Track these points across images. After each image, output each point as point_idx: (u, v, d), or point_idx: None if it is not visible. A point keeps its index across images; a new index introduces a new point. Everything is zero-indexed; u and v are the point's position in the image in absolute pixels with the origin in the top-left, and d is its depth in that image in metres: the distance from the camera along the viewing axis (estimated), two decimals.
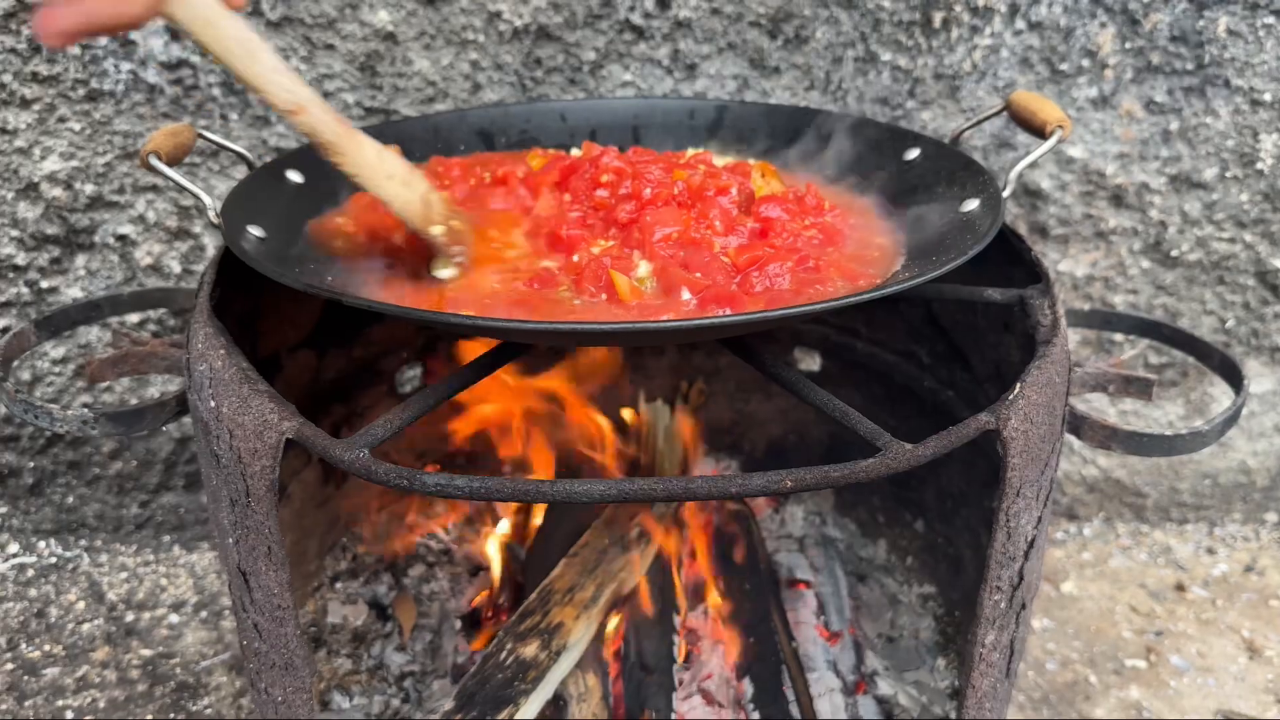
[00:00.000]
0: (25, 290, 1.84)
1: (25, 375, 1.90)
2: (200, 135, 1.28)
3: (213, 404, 1.03)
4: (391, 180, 1.11)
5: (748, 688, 1.46)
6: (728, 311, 1.03)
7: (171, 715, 1.68)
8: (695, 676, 1.52)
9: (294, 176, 1.31)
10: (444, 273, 1.14)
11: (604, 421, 1.83)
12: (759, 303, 1.05)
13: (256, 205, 1.21)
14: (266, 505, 0.99)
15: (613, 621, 1.49)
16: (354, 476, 1.52)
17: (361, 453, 0.91)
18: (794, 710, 1.41)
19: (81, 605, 1.91)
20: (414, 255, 1.18)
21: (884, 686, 1.58)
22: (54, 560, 2.01)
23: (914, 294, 1.35)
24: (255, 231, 1.15)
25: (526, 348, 1.12)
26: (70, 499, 2.04)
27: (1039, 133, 1.25)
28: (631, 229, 1.15)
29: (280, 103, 1.03)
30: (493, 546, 1.74)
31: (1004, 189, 1.17)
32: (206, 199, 1.11)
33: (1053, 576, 2.05)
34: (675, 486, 0.88)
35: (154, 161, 1.13)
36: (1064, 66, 1.81)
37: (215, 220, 1.11)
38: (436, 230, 1.13)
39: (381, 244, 1.21)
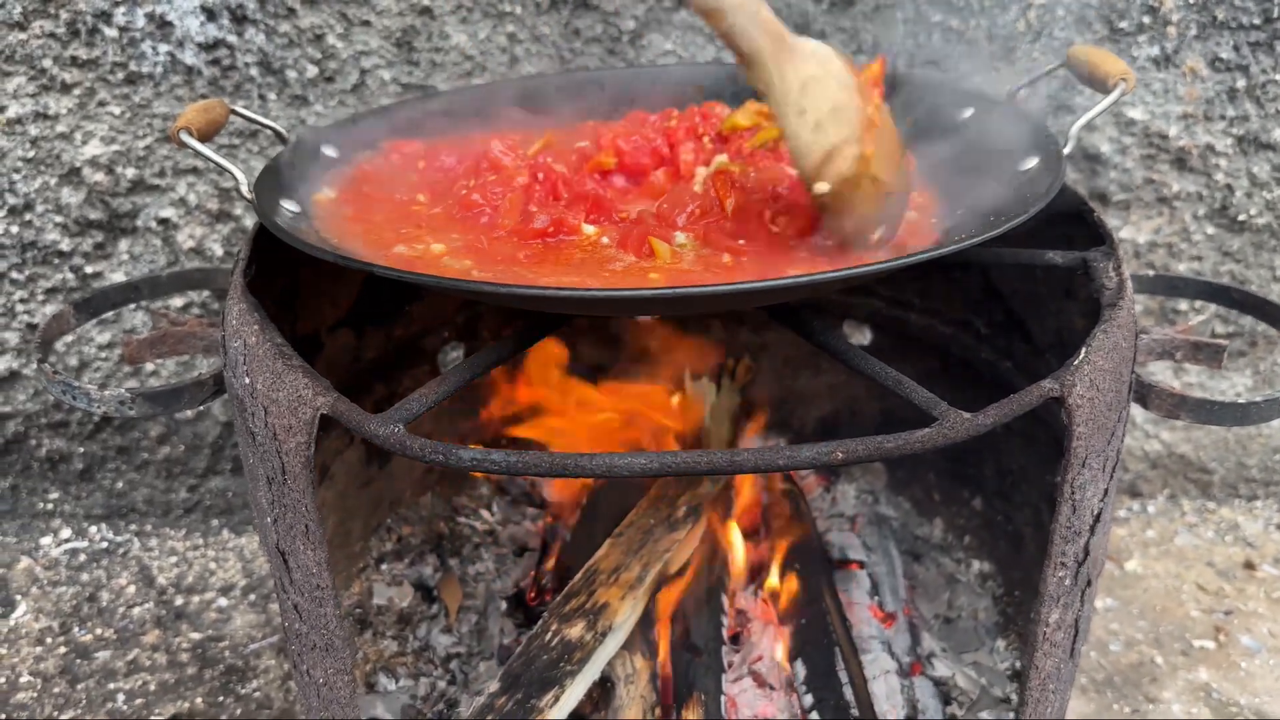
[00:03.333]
0: (70, 276, 1.85)
1: (73, 361, 1.91)
2: (233, 111, 1.26)
3: (247, 380, 1.00)
4: (803, 117, 0.96)
5: (799, 670, 1.42)
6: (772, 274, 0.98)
7: (220, 698, 1.68)
8: (745, 658, 1.48)
9: (329, 151, 1.29)
10: (821, 187, 0.99)
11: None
12: (805, 268, 1.01)
13: (290, 181, 1.18)
14: (303, 483, 0.96)
15: (660, 602, 1.46)
16: (396, 456, 1.50)
17: (396, 428, 0.89)
18: (847, 693, 1.37)
19: (132, 589, 1.92)
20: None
21: (941, 668, 1.53)
22: (105, 545, 2.02)
23: (971, 259, 1.30)
24: (289, 207, 1.13)
25: (567, 318, 1.09)
26: (120, 484, 2.05)
27: (1101, 87, 1.19)
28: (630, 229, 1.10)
29: (694, 3, 0.92)
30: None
31: (1064, 146, 1.11)
32: (239, 174, 1.08)
33: (1116, 555, 1.98)
34: (720, 460, 0.84)
35: (185, 137, 1.11)
36: (1124, 24, 1.73)
37: (248, 196, 1.09)
38: (820, 188, 0.98)
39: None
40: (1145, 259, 1.91)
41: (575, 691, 1.30)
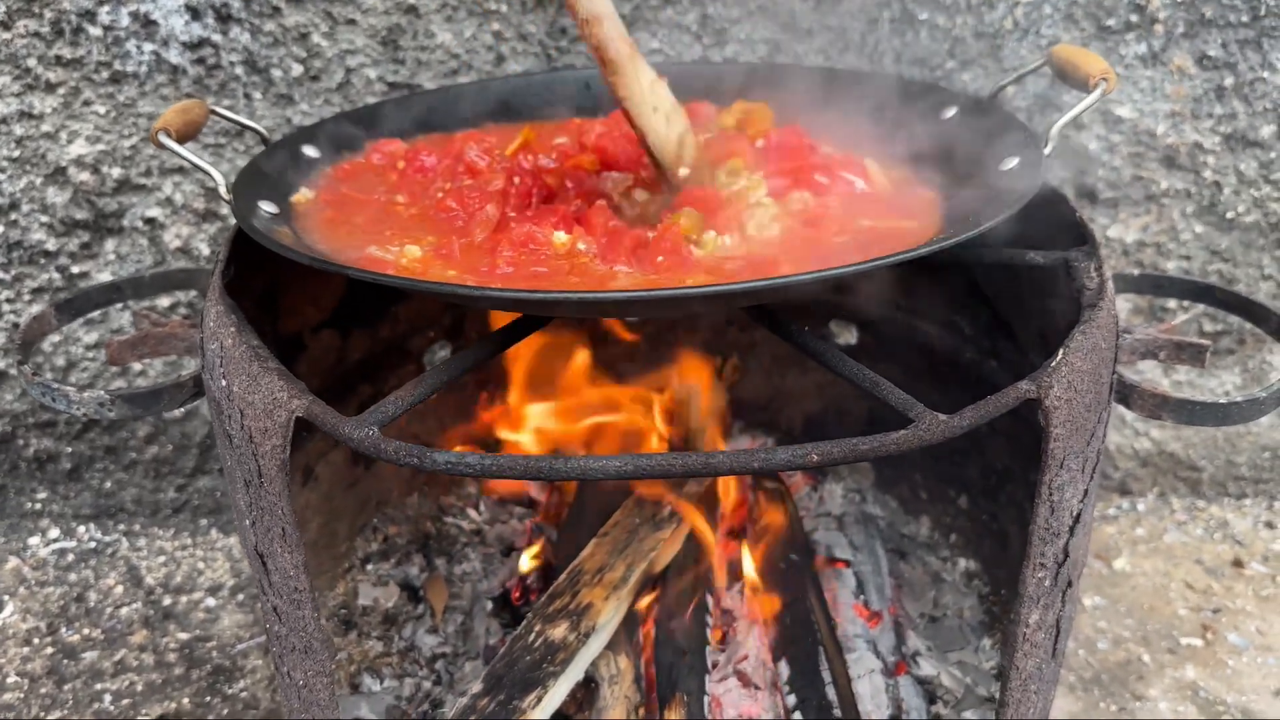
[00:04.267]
0: (57, 276, 1.84)
1: (60, 362, 1.90)
2: (213, 112, 1.25)
3: (224, 383, 1.00)
4: (656, 113, 1.13)
5: (784, 669, 1.42)
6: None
7: (207, 699, 1.68)
8: (730, 658, 1.48)
9: (310, 152, 1.29)
10: (684, 172, 1.16)
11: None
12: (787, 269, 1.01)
13: (270, 182, 1.18)
14: (279, 486, 0.96)
15: (644, 602, 1.46)
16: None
17: (371, 430, 0.88)
18: (831, 692, 1.36)
19: (120, 589, 1.91)
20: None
21: (926, 667, 1.53)
22: (93, 545, 2.02)
23: (953, 260, 1.29)
24: (267, 208, 1.13)
25: (545, 320, 1.09)
26: (108, 483, 2.04)
27: (1082, 86, 1.18)
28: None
29: (580, 9, 1.06)
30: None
31: (1045, 146, 1.11)
32: (217, 175, 1.08)
33: (1104, 553, 1.98)
34: (694, 462, 0.84)
35: (163, 139, 1.11)
36: (1111, 22, 1.73)
37: (226, 197, 1.09)
38: (683, 173, 1.15)
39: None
40: (1134, 257, 1.91)
41: (558, 692, 1.30)
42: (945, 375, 1.63)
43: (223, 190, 1.09)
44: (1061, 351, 0.98)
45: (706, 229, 1.06)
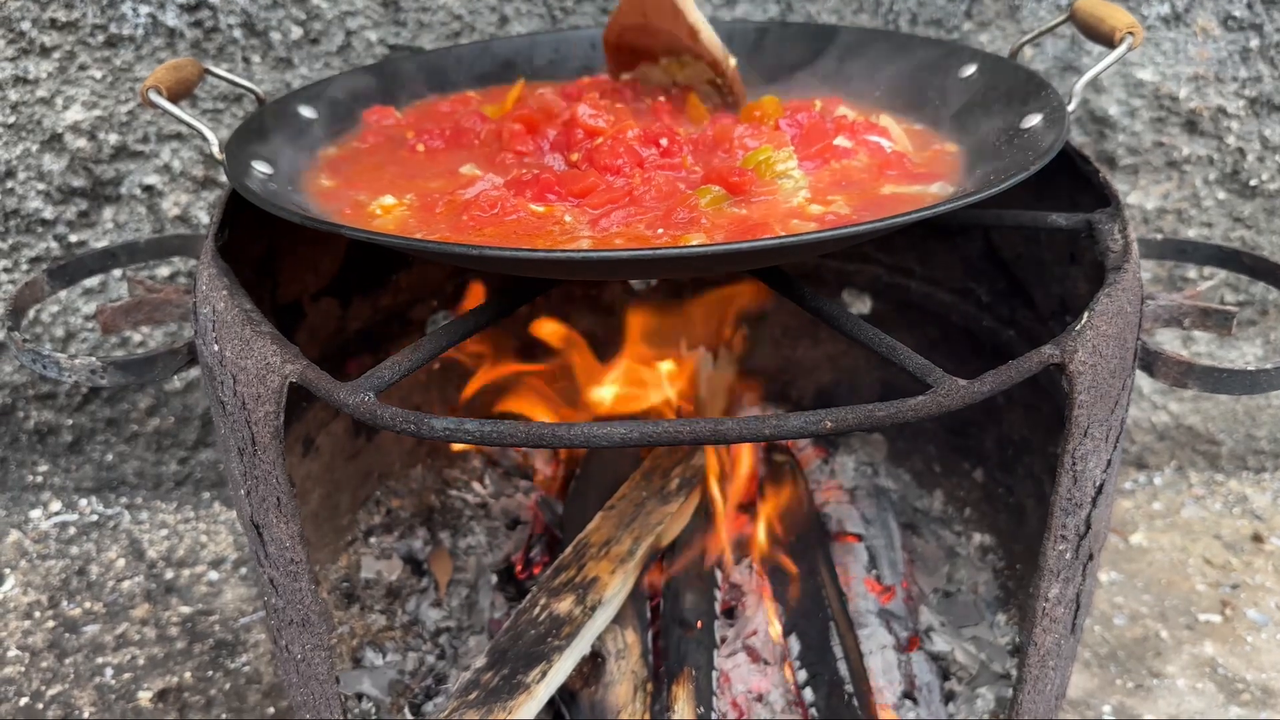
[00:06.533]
0: (54, 245, 1.81)
1: (59, 332, 1.87)
2: (207, 71, 1.22)
3: (216, 348, 0.97)
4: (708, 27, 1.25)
5: (794, 644, 1.39)
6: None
7: (210, 672, 1.66)
8: (740, 633, 1.45)
9: (306, 112, 1.25)
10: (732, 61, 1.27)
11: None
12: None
13: (264, 142, 1.14)
14: (273, 454, 0.93)
15: (652, 576, 1.43)
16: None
17: (366, 396, 0.85)
18: (842, 668, 1.33)
19: (122, 563, 1.89)
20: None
21: (940, 643, 1.50)
22: (95, 518, 2.00)
23: (973, 222, 1.25)
24: (261, 168, 1.09)
25: (549, 285, 1.05)
26: (110, 456, 2.02)
27: (1107, 41, 1.14)
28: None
29: None
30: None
31: (1068, 103, 1.06)
32: (209, 134, 1.05)
33: (1121, 528, 1.95)
34: (703, 429, 0.81)
35: (154, 96, 1.07)
36: None
37: (219, 156, 1.06)
38: (732, 61, 1.27)
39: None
40: (1154, 225, 1.86)
41: (563, 667, 1.27)
42: (961, 345, 1.59)
43: (215, 150, 1.05)
44: (1087, 315, 0.94)
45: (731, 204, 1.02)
